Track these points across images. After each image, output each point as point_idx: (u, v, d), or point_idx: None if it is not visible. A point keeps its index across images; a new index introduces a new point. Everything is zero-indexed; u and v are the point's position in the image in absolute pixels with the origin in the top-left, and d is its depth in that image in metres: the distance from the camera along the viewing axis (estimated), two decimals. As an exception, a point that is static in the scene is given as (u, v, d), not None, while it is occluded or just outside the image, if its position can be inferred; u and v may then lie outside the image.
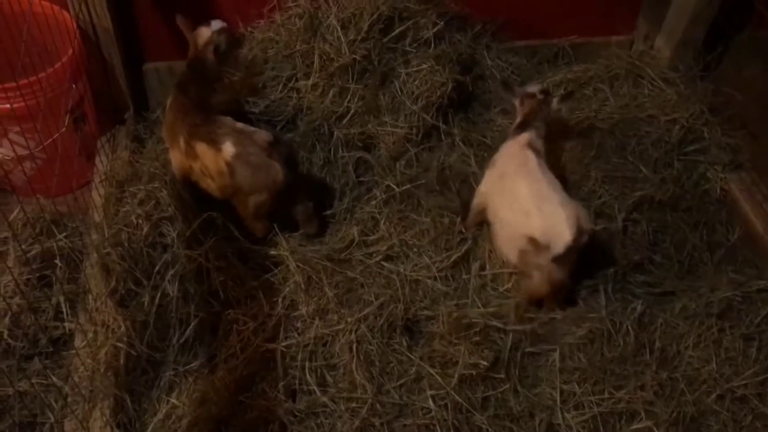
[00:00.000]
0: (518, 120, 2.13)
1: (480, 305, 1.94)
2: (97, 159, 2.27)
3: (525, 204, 1.91)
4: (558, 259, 1.85)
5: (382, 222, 2.11)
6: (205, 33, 2.10)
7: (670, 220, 2.14)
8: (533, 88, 2.15)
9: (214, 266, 1.92)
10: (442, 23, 2.35)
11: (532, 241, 1.88)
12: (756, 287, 2.00)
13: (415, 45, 2.33)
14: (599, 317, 1.93)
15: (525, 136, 2.04)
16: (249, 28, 2.39)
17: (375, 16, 2.26)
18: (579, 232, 1.82)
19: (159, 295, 1.82)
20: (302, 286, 1.95)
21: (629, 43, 2.65)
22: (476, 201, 2.09)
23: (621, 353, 1.90)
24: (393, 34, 2.29)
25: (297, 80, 2.25)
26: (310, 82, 2.21)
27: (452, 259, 2.05)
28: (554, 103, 2.13)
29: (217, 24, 2.10)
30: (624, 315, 1.94)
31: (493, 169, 2.06)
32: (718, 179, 2.29)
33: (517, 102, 2.16)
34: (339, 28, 2.22)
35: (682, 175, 2.26)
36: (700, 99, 2.38)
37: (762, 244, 2.18)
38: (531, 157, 1.99)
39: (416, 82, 2.27)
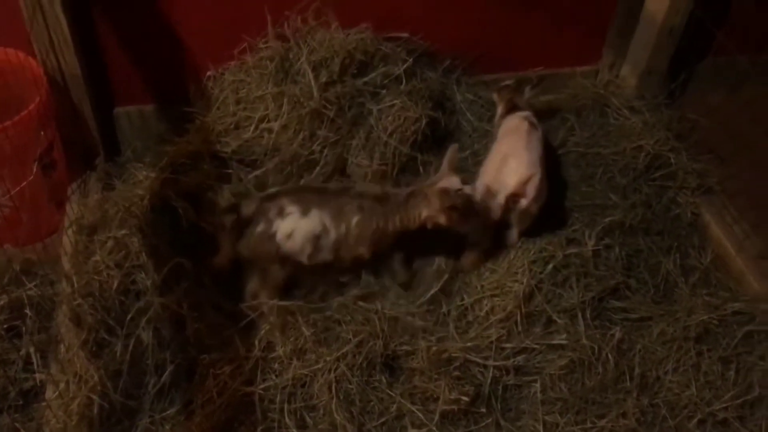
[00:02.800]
0: (501, 110, 2.29)
1: (458, 339, 1.92)
2: (67, 206, 2.24)
3: (496, 156, 2.06)
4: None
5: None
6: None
7: (643, 245, 2.16)
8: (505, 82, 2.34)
9: (189, 313, 1.89)
10: (411, 60, 2.38)
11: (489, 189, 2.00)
12: (731, 309, 2.02)
13: (386, 82, 2.35)
14: (579, 345, 1.93)
15: (523, 113, 2.20)
16: (220, 70, 2.40)
17: (347, 59, 2.28)
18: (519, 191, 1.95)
19: (133, 342, 1.79)
20: (278, 327, 1.93)
21: (595, 73, 2.70)
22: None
23: (602, 381, 1.90)
24: (365, 74, 2.31)
25: (269, 121, 2.25)
26: (277, 123, 2.20)
27: (430, 293, 2.04)
28: (526, 91, 2.30)
29: None
30: (603, 342, 1.95)
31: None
32: (688, 203, 2.31)
33: (495, 96, 2.32)
34: (310, 71, 2.24)
35: (651, 200, 2.29)
36: (665, 125, 2.42)
37: (735, 266, 2.20)
38: (525, 125, 2.13)
39: (389, 118, 2.29)
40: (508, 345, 1.93)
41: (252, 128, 2.25)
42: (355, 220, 1.98)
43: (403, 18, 2.43)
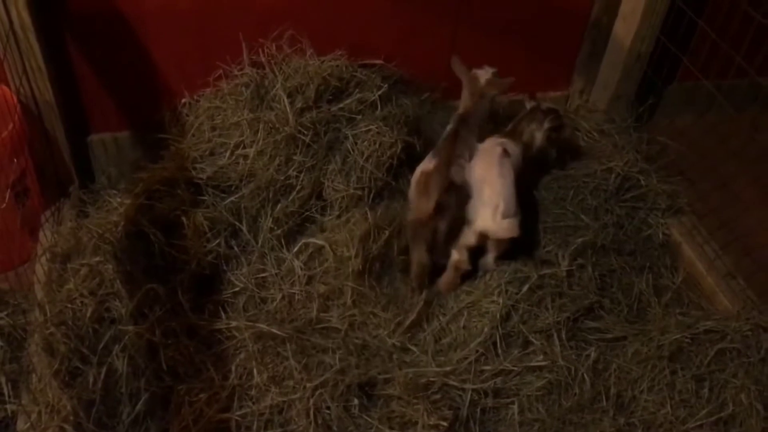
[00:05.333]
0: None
1: (436, 363, 1.92)
2: (40, 233, 2.22)
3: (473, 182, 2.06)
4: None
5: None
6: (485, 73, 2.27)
7: (616, 265, 2.19)
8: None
9: (162, 340, 1.87)
10: (386, 86, 2.41)
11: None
12: (703, 328, 2.05)
13: (361, 108, 2.37)
14: (556, 366, 1.94)
15: (499, 140, 2.20)
16: (195, 97, 2.41)
17: (322, 85, 2.31)
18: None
19: (106, 371, 1.76)
20: (256, 353, 1.91)
21: (566, 99, 2.76)
22: None
23: (578, 401, 1.92)
24: (340, 100, 2.34)
25: (244, 147, 2.26)
26: (252, 149, 2.20)
27: (409, 320, 2.04)
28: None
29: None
30: (579, 362, 1.96)
31: None
32: (659, 224, 2.36)
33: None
34: (285, 98, 2.25)
35: (623, 221, 2.33)
36: (634, 147, 2.48)
37: (706, 285, 2.24)
38: (498, 150, 2.12)
39: (365, 143, 2.31)
40: (486, 367, 1.94)
41: (227, 154, 2.25)
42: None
43: (377, 45, 2.47)
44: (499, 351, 1.96)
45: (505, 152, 2.13)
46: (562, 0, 2.57)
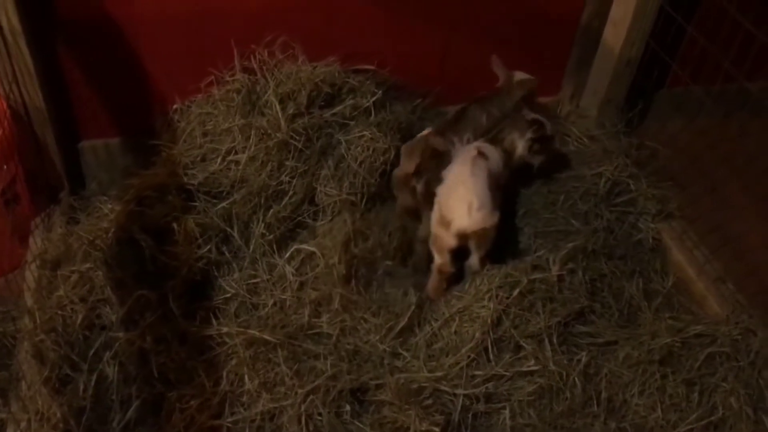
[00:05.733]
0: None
1: (427, 369, 1.93)
2: (30, 240, 2.21)
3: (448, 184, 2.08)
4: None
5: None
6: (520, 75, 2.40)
7: (606, 269, 2.19)
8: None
9: (153, 347, 1.87)
10: (380, 93, 2.41)
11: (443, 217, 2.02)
12: (693, 332, 2.06)
13: (355, 114, 2.38)
14: (547, 371, 1.95)
15: (477, 143, 2.21)
16: (186, 103, 2.41)
17: (314, 91, 2.31)
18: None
19: (96, 378, 1.76)
20: (248, 359, 1.91)
21: (556, 104, 2.77)
22: None
23: (570, 406, 1.92)
24: (332, 106, 2.34)
25: (236, 153, 2.26)
26: (244, 155, 2.20)
27: (400, 326, 2.04)
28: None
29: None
30: (570, 367, 1.96)
31: None
32: (650, 229, 2.37)
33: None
34: (277, 104, 2.26)
35: (613, 226, 2.34)
36: (624, 152, 2.48)
37: (696, 289, 2.25)
38: (473, 153, 2.13)
39: (358, 149, 2.31)
40: (477, 373, 1.94)
41: (219, 160, 2.25)
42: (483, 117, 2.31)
43: (370, 51, 2.48)
44: (491, 356, 1.96)
45: (481, 154, 2.14)
46: (552, 6, 2.58)
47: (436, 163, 2.18)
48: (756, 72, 2.24)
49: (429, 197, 2.14)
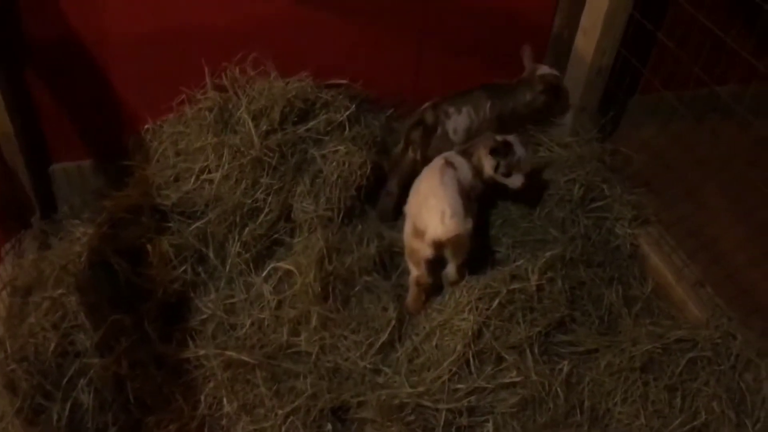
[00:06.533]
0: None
1: (409, 384, 1.91)
2: (1, 267, 2.17)
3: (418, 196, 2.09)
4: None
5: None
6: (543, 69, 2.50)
7: (585, 277, 2.19)
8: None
9: (129, 372, 1.83)
10: (354, 106, 2.40)
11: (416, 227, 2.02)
12: (674, 337, 2.05)
13: (329, 129, 2.36)
14: (529, 382, 1.93)
15: (446, 153, 2.22)
16: (158, 122, 2.38)
17: (287, 107, 2.30)
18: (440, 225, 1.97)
19: (70, 407, 1.72)
20: (226, 381, 1.88)
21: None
22: None
23: (553, 417, 1.91)
24: (306, 122, 2.33)
25: (210, 172, 2.23)
26: (218, 173, 2.18)
27: (381, 341, 2.02)
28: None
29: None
30: (552, 377, 1.95)
31: None
32: (627, 235, 2.37)
33: None
34: (250, 121, 2.24)
35: (590, 233, 2.34)
36: (596, 157, 2.49)
37: (675, 294, 2.25)
38: (440, 162, 2.14)
39: (334, 164, 2.29)
40: (459, 386, 1.92)
41: (192, 179, 2.22)
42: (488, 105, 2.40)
43: (342, 66, 2.47)
44: (473, 369, 1.94)
45: (449, 164, 2.14)
46: (523, 15, 2.59)
47: (420, 134, 2.32)
48: (726, 75, 2.26)
49: (424, 163, 2.27)
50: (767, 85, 2.05)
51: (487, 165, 2.18)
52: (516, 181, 2.18)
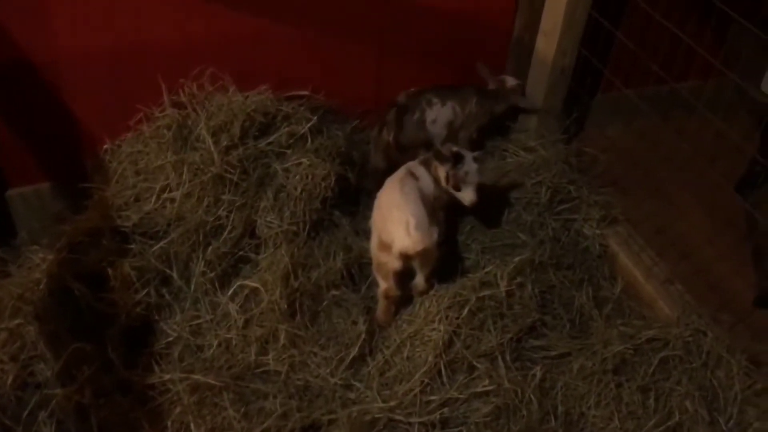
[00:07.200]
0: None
1: (381, 398, 1.88)
2: (-42, 297, 2.10)
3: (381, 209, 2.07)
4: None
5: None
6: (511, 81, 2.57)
7: (555, 280, 2.18)
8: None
9: (93, 401, 1.78)
10: (316, 118, 2.37)
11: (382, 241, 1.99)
12: (645, 337, 2.05)
13: (291, 141, 2.33)
14: (502, 389, 1.92)
15: (410, 163, 2.21)
16: (117, 142, 2.33)
17: (247, 122, 2.26)
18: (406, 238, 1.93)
19: (31, 440, 1.67)
20: (193, 405, 1.84)
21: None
22: None
23: (527, 423, 1.89)
24: (267, 135, 2.29)
25: (170, 191, 2.19)
26: (179, 192, 2.14)
27: (351, 356, 1.99)
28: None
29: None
30: (525, 383, 1.94)
31: None
32: (595, 235, 2.36)
33: None
34: (209, 137, 2.20)
35: (559, 235, 2.34)
36: (563, 159, 2.48)
37: (645, 293, 2.25)
38: (401, 173, 2.13)
39: (297, 177, 2.26)
40: (432, 398, 1.90)
41: (153, 199, 2.17)
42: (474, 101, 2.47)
43: (303, 77, 2.45)
44: (444, 379, 1.92)
45: (411, 174, 2.12)
46: (483, 19, 2.59)
47: (396, 120, 2.38)
48: (686, 71, 2.27)
49: (398, 148, 2.38)
50: (726, 80, 2.05)
51: (442, 176, 2.16)
52: (466, 195, 2.12)
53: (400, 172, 2.13)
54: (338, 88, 2.51)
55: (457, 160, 2.11)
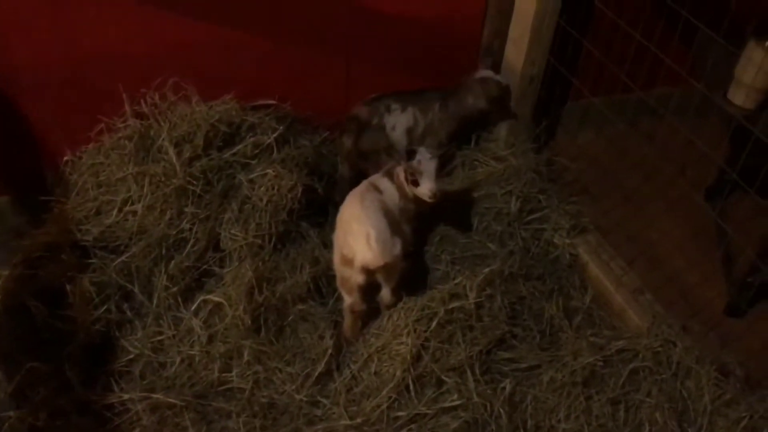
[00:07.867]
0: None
1: (348, 415, 1.84)
2: None
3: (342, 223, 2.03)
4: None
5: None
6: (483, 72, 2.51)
7: (525, 291, 2.16)
8: None
9: (48, 423, 1.72)
10: (282, 128, 2.33)
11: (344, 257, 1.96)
12: (615, 348, 2.04)
13: (256, 152, 2.29)
14: (471, 404, 1.88)
15: (372, 177, 2.18)
16: (77, 154, 2.27)
17: (210, 132, 2.22)
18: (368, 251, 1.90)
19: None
20: (153, 426, 1.78)
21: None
22: None
23: (497, 439, 1.86)
24: (232, 146, 2.25)
25: (132, 203, 2.13)
26: (141, 204, 2.09)
27: (317, 372, 1.95)
28: None
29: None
30: (494, 397, 1.91)
31: None
32: (565, 245, 2.34)
33: None
34: (172, 148, 2.15)
35: (529, 245, 2.32)
36: (532, 168, 2.46)
37: (615, 302, 2.23)
38: (363, 187, 2.10)
39: (262, 188, 2.21)
40: (400, 413, 1.87)
41: (114, 212, 2.12)
42: (437, 106, 2.46)
43: (269, 86, 2.40)
44: (413, 394, 1.89)
45: (373, 187, 2.10)
46: (452, 28, 2.56)
47: (355, 126, 2.39)
48: (654, 79, 2.26)
49: (359, 154, 2.40)
50: (692, 87, 2.05)
51: (402, 178, 2.12)
52: (425, 189, 2.06)
53: (362, 186, 2.10)
54: (306, 97, 2.47)
55: (410, 155, 2.08)
